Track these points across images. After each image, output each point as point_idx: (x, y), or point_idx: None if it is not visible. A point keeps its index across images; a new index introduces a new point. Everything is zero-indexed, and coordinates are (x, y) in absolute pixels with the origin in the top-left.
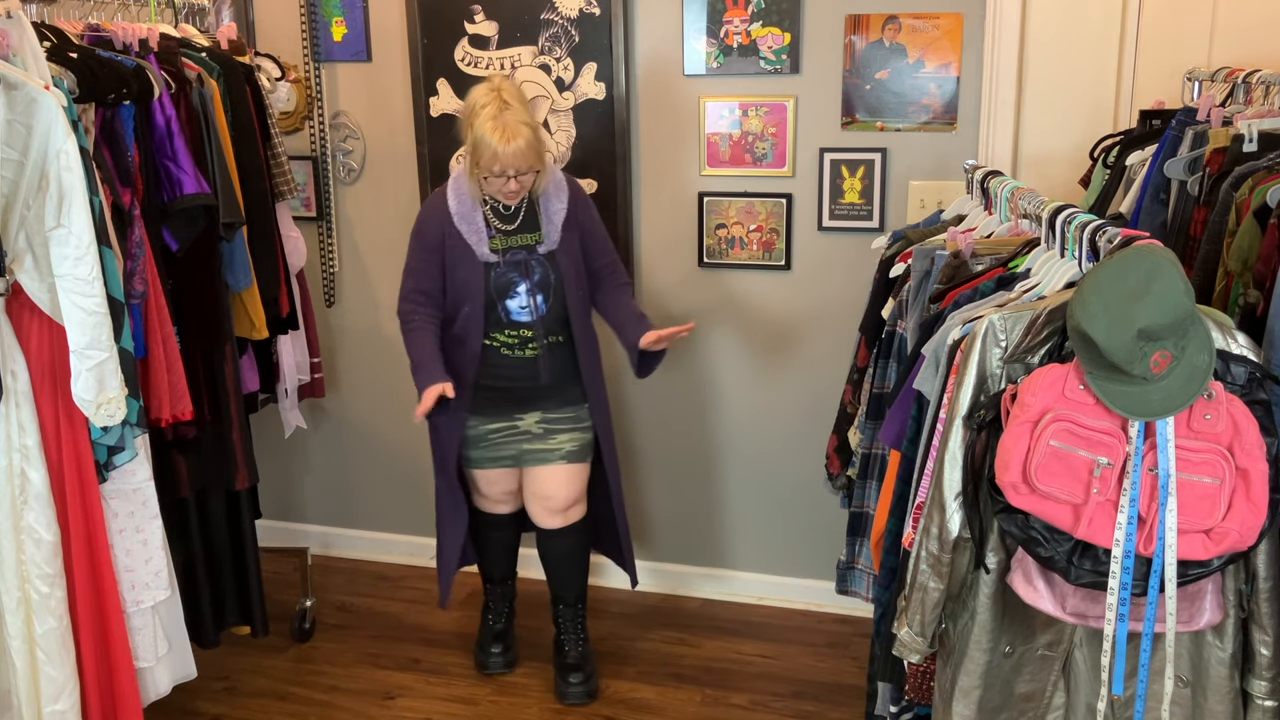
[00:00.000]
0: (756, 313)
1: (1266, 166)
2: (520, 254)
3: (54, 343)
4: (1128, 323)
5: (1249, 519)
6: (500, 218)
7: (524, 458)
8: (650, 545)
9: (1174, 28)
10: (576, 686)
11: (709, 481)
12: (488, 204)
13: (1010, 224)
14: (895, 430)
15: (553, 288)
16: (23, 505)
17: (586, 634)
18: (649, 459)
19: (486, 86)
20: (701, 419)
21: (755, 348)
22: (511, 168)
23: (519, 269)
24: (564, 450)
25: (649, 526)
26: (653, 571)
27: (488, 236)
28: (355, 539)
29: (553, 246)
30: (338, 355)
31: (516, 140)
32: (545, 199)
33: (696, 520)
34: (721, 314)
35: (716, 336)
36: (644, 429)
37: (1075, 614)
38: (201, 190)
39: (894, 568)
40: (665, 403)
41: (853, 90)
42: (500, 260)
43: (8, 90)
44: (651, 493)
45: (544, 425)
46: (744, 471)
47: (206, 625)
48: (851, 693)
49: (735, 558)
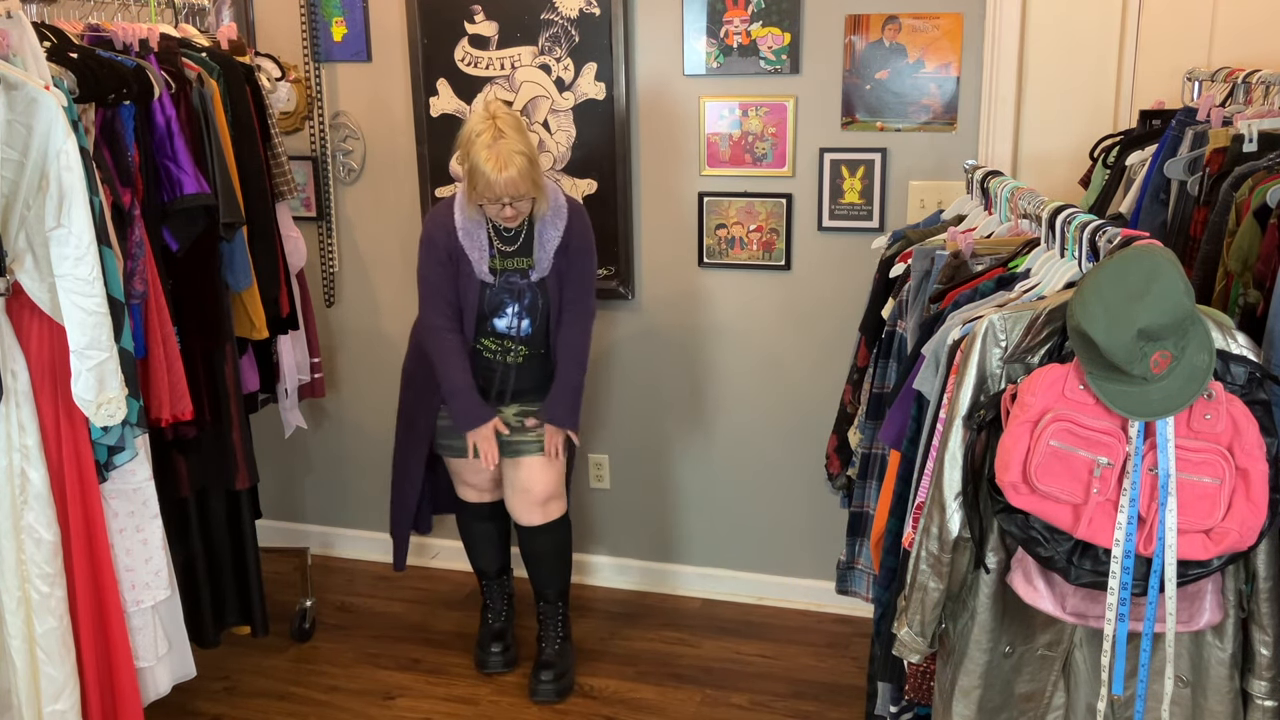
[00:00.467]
0: (756, 313)
1: (1266, 166)
2: (514, 277)
3: (54, 343)
4: (1128, 323)
5: (1249, 519)
6: (501, 239)
7: (503, 448)
8: (650, 545)
9: (1174, 28)
10: (546, 684)
11: (708, 481)
12: (490, 223)
13: (1010, 224)
14: (895, 430)
15: (539, 312)
16: (23, 505)
17: (567, 632)
18: (648, 459)
19: (483, 114)
20: (701, 419)
21: (755, 348)
22: (506, 196)
23: (510, 292)
24: (541, 442)
25: (649, 526)
26: (652, 571)
27: (489, 256)
28: (355, 539)
29: (543, 274)
30: (338, 355)
31: (509, 170)
32: (542, 225)
33: (696, 520)
34: (721, 314)
35: (716, 337)
36: (643, 429)
37: (1075, 614)
38: (201, 190)
39: (894, 568)
40: (665, 403)
41: (853, 90)
42: (495, 282)
43: (8, 90)
44: (651, 493)
45: (521, 418)
46: (743, 471)
47: (206, 625)
48: (851, 693)
49: (735, 558)
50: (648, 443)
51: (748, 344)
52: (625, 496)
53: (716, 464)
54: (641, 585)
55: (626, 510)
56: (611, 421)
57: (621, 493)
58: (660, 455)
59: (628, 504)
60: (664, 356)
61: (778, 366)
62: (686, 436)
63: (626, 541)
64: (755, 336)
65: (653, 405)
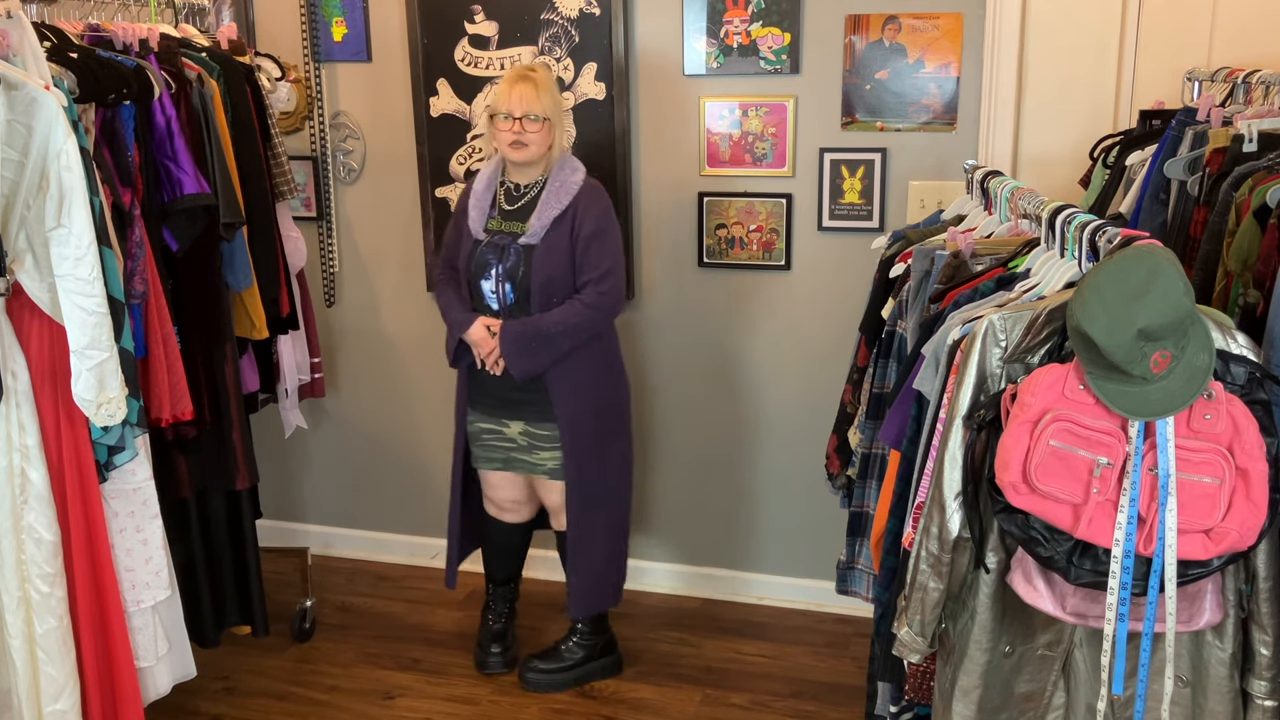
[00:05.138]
0: (756, 313)
1: (1266, 166)
2: (505, 239)
3: (54, 343)
4: (1128, 323)
5: (1249, 519)
6: (508, 199)
7: (513, 464)
8: (650, 545)
9: (1174, 28)
10: (533, 673)
11: (709, 481)
12: (504, 185)
13: (1010, 224)
14: (895, 430)
15: (519, 281)
16: (23, 505)
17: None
18: (647, 459)
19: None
20: (700, 419)
21: (755, 348)
22: (518, 109)
23: (495, 251)
24: (546, 467)
25: (649, 527)
26: (652, 571)
27: (488, 216)
28: (355, 539)
29: (533, 240)
30: (338, 355)
31: (525, 83)
32: (548, 193)
33: (696, 520)
34: (721, 314)
35: (716, 337)
36: (642, 429)
37: (1075, 614)
38: (202, 190)
39: (894, 568)
40: (664, 403)
41: (853, 90)
42: (486, 240)
43: (8, 90)
44: (651, 493)
45: (527, 438)
46: (744, 471)
47: (207, 625)
48: (851, 693)
49: (735, 557)
50: (647, 443)
51: (748, 344)
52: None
53: (716, 464)
54: (641, 585)
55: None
56: None
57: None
58: (659, 455)
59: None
60: (664, 357)
61: (778, 366)
62: (686, 436)
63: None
64: (755, 336)
65: (652, 405)
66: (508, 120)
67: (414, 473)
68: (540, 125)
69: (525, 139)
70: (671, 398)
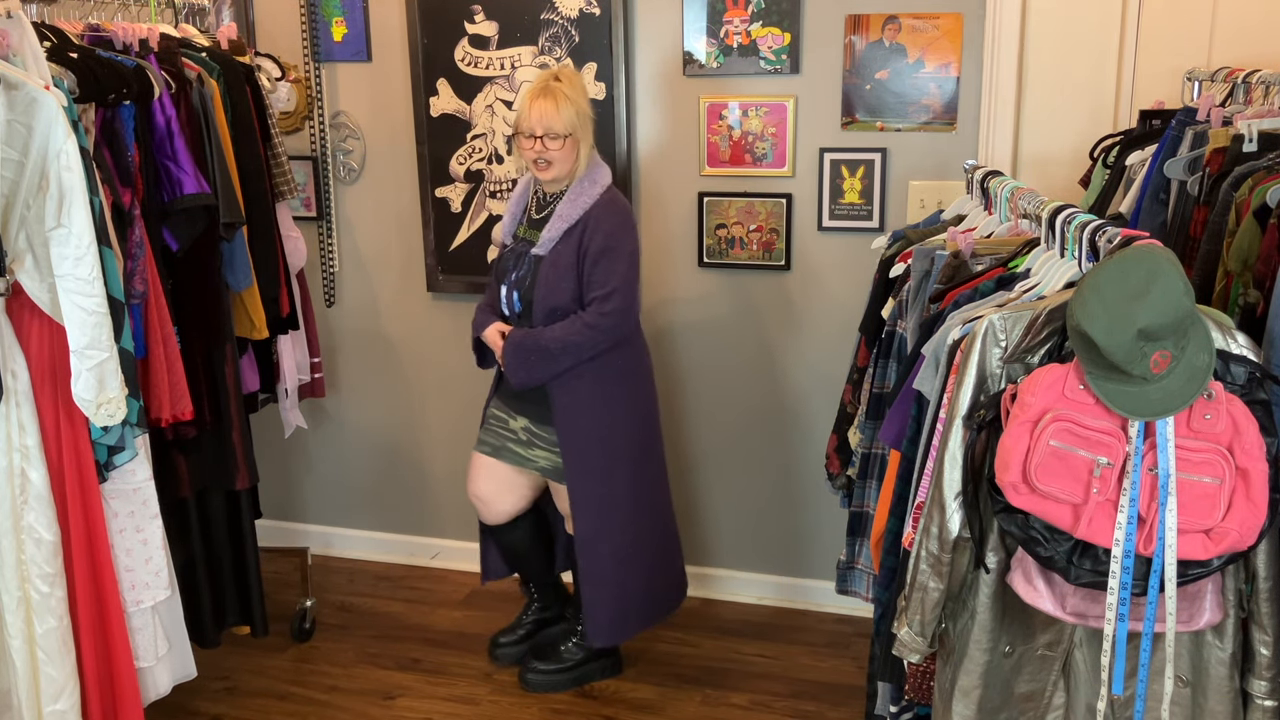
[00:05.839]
0: (756, 313)
1: (1266, 166)
2: (524, 247)
3: (54, 343)
4: (1128, 323)
5: (1249, 519)
6: (537, 207)
7: (503, 453)
8: None
9: (1174, 28)
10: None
11: (709, 481)
12: (536, 192)
13: (1010, 224)
14: (895, 430)
15: (524, 292)
16: (23, 505)
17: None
18: None
19: (547, 71)
20: (700, 419)
21: (755, 348)
22: (538, 126)
23: (514, 260)
24: (539, 465)
25: None
26: None
27: (519, 222)
28: (355, 539)
29: (542, 251)
30: (338, 355)
31: (546, 99)
32: (563, 204)
33: (696, 520)
34: (722, 314)
35: (716, 337)
36: None
37: (1075, 614)
38: (202, 190)
39: (894, 568)
40: (664, 403)
41: (853, 90)
42: (511, 246)
43: (8, 90)
44: None
45: (528, 434)
46: (743, 471)
47: (206, 625)
48: (851, 693)
49: (735, 557)
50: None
51: (748, 344)
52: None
53: (715, 464)
54: None
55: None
56: None
57: None
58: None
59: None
60: (663, 357)
61: (778, 366)
62: (686, 437)
63: None
64: (755, 336)
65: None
66: (530, 139)
67: (414, 473)
68: (562, 142)
69: (549, 157)
70: (670, 398)
